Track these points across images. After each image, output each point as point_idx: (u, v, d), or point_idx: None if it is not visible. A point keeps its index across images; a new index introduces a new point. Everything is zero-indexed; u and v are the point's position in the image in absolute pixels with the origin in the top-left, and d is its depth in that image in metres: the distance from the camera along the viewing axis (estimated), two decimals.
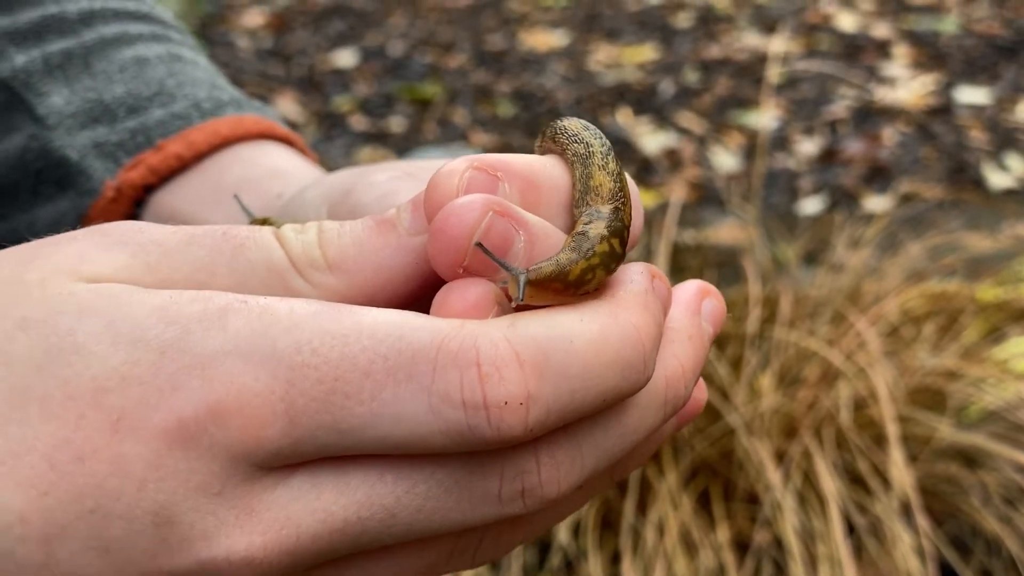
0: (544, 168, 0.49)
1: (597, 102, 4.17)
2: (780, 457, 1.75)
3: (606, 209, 0.46)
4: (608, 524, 1.78)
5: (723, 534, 1.70)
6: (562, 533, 1.71)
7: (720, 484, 1.78)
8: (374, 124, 4.10)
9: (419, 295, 0.46)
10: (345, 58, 4.75)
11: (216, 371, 0.41)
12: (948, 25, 4.81)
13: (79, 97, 0.81)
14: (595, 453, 0.45)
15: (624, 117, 4.01)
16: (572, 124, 0.50)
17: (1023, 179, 3.50)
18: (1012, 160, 3.60)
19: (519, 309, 0.43)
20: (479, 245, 0.44)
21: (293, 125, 3.15)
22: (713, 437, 1.79)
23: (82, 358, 0.41)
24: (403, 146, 3.88)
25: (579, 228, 0.45)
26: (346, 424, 0.41)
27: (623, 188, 0.47)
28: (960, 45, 4.59)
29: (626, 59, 4.64)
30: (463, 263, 0.44)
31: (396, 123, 4.10)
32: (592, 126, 0.51)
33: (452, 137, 3.96)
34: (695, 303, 0.51)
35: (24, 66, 0.81)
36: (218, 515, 0.41)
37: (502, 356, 0.40)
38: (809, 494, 1.71)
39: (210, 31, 5.07)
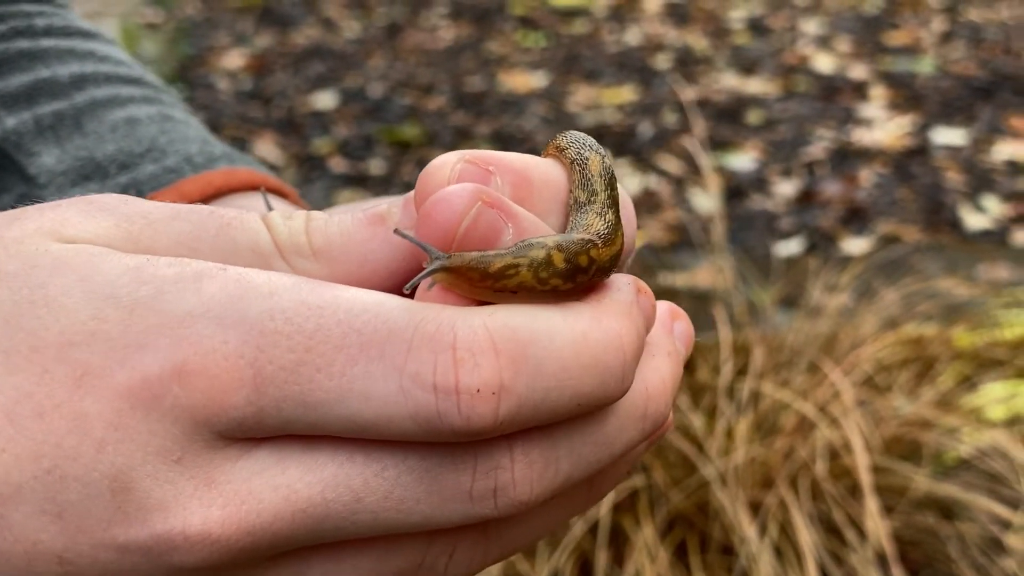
0: (538, 166, 0.48)
1: None
2: (756, 508, 1.74)
3: (579, 234, 0.45)
4: None
5: None
6: None
7: (696, 536, 1.78)
8: (354, 166, 4.10)
9: (401, 293, 0.45)
10: (325, 100, 4.75)
11: (185, 332, 0.40)
12: (924, 66, 4.84)
13: (70, 156, 0.81)
14: (571, 459, 0.44)
15: None
16: (594, 163, 0.49)
17: (999, 220, 3.52)
18: (988, 201, 3.62)
19: (480, 303, 0.43)
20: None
21: (272, 167, 3.16)
22: (689, 489, 1.79)
23: (51, 312, 0.40)
24: (383, 189, 3.88)
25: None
26: (313, 397, 0.40)
27: (612, 233, 0.46)
28: (936, 86, 4.62)
29: (605, 100, 4.66)
30: (450, 251, 0.43)
31: (376, 165, 4.10)
32: (610, 167, 0.50)
33: None
34: (668, 322, 0.51)
35: (15, 128, 0.81)
36: (176, 484, 0.40)
37: (479, 343, 0.40)
38: (785, 546, 1.70)
39: (190, 73, 5.08)
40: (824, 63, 4.97)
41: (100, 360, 0.40)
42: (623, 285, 0.46)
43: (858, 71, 4.84)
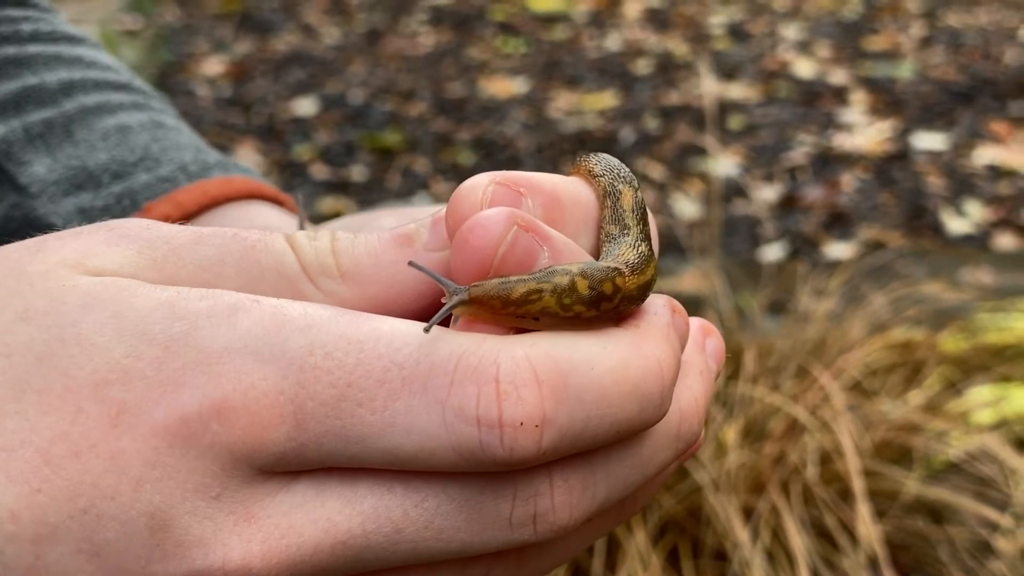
0: (567, 186, 0.48)
1: (558, 150, 4.18)
2: (748, 513, 1.74)
3: (606, 262, 0.45)
4: None
5: None
6: None
7: (688, 542, 1.77)
8: (335, 173, 4.09)
9: (430, 314, 0.44)
10: (305, 106, 4.74)
11: (223, 368, 0.39)
12: (904, 71, 4.86)
13: (62, 165, 0.80)
14: (608, 482, 0.44)
15: None
16: (627, 197, 0.49)
17: (981, 225, 3.53)
18: (969, 206, 3.63)
19: (518, 331, 0.42)
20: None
21: None
22: (681, 494, 1.79)
23: (84, 350, 0.40)
24: (365, 195, 3.87)
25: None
26: (355, 432, 0.40)
27: (642, 264, 0.46)
28: (916, 91, 4.64)
29: (587, 106, 4.67)
30: (487, 276, 0.43)
31: (357, 172, 4.09)
32: (642, 201, 0.49)
33: (413, 186, 3.95)
34: (700, 340, 0.51)
35: (4, 136, 0.80)
36: (216, 520, 0.40)
37: (522, 375, 0.40)
38: (777, 551, 1.70)
39: (169, 80, 5.06)
40: (804, 68, 4.98)
41: (136, 399, 0.39)
42: (659, 308, 0.46)
43: (838, 76, 4.86)
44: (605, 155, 0.51)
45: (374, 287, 0.45)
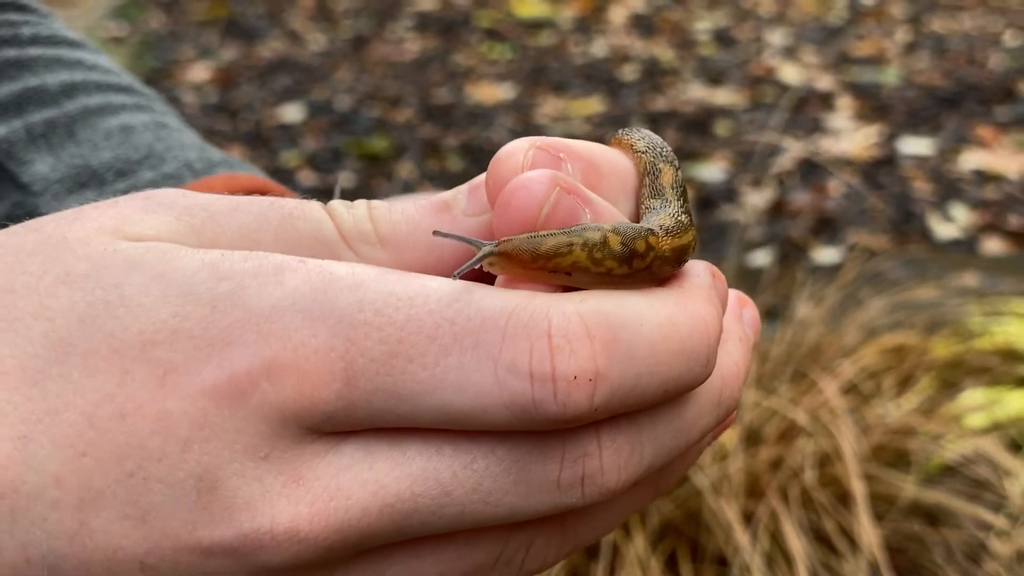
0: (605, 154, 0.48)
1: None
2: (747, 518, 1.75)
3: (640, 224, 0.45)
4: None
5: None
6: None
7: (688, 546, 1.78)
8: (323, 179, 4.09)
9: (469, 280, 0.44)
10: (292, 113, 4.74)
11: (272, 326, 0.39)
12: (890, 77, 4.88)
13: (64, 164, 0.80)
14: (654, 444, 0.43)
15: None
16: (666, 175, 0.49)
17: (967, 229, 3.55)
18: (956, 210, 3.64)
19: (566, 290, 0.42)
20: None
21: None
22: (680, 499, 1.79)
23: (129, 311, 0.39)
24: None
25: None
26: (406, 389, 0.39)
27: (679, 229, 0.46)
28: (902, 96, 4.66)
29: (573, 112, 4.67)
30: None
31: (344, 178, 4.09)
32: (682, 178, 0.50)
33: (401, 192, 3.95)
34: (738, 309, 0.51)
35: (5, 136, 0.80)
36: (264, 482, 0.39)
37: (574, 329, 0.39)
38: (777, 555, 1.70)
39: (155, 86, 5.03)
40: (790, 74, 5.00)
41: (183, 358, 0.39)
42: (700, 270, 0.46)
43: (824, 82, 4.88)
44: (648, 131, 0.51)
45: (412, 253, 0.45)
